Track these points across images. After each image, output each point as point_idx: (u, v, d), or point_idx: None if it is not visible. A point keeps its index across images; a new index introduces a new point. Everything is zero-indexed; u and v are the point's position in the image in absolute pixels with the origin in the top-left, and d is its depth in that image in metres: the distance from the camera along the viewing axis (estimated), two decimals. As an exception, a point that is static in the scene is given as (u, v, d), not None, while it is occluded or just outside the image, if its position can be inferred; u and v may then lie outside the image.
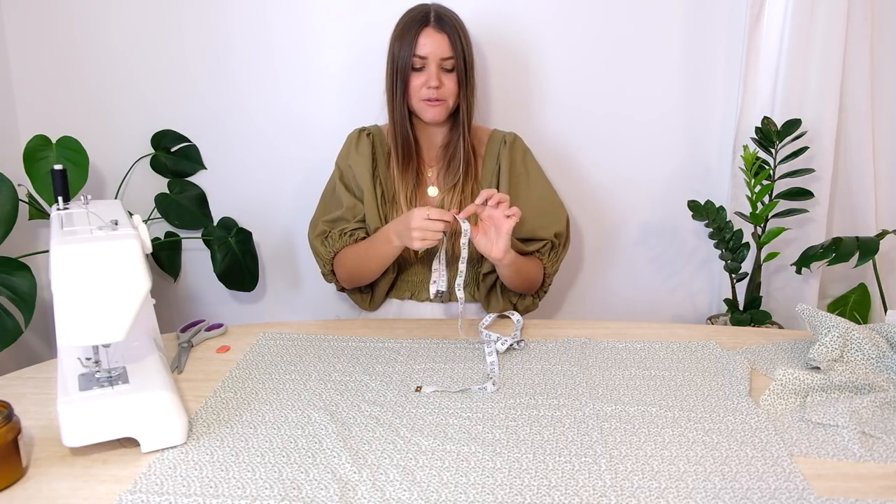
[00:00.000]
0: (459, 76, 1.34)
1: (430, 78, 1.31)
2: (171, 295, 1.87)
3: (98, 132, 1.73)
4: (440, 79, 1.32)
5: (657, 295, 1.84)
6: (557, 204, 1.44)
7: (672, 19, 1.64)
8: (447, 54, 1.31)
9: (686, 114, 1.70)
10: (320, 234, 1.41)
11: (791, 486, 0.80)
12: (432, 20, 1.32)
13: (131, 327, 0.86)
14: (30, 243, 1.75)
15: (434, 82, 1.31)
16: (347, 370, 1.12)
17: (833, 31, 1.55)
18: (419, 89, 1.33)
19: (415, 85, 1.33)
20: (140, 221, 0.98)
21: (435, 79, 1.31)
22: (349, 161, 1.42)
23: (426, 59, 1.31)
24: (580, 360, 1.14)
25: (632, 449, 0.88)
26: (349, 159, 1.42)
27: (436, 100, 1.33)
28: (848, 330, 1.08)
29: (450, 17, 1.34)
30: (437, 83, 1.31)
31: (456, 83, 1.34)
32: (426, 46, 1.31)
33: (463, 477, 0.83)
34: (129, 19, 1.68)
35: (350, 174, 1.42)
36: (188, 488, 0.80)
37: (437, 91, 1.32)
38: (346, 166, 1.43)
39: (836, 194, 1.69)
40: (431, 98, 1.32)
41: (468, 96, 1.36)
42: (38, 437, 0.91)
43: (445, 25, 1.32)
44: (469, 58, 1.35)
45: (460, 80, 1.34)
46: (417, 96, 1.34)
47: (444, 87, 1.33)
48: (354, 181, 1.41)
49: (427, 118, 1.36)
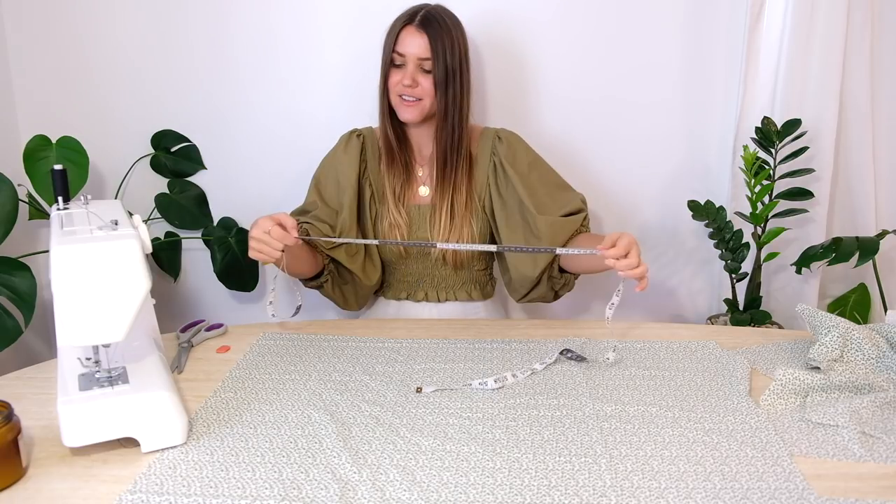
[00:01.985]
0: (436, 78, 1.32)
1: (404, 76, 1.32)
2: (171, 295, 1.87)
3: (98, 132, 1.73)
4: (415, 78, 1.32)
5: (657, 295, 1.84)
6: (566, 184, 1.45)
7: (672, 19, 1.64)
8: (424, 55, 1.31)
9: (686, 114, 1.70)
10: None
11: (791, 486, 0.80)
12: (417, 20, 1.31)
13: (131, 327, 0.86)
14: (30, 243, 1.75)
15: (407, 80, 1.31)
16: (347, 370, 1.12)
17: (833, 31, 1.55)
18: (395, 85, 1.34)
19: (393, 81, 1.34)
20: (140, 221, 0.98)
21: (409, 77, 1.31)
22: (334, 161, 1.44)
23: (405, 57, 1.32)
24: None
25: (632, 449, 0.88)
26: (334, 159, 1.44)
27: (411, 99, 1.33)
28: (848, 330, 1.08)
29: (439, 19, 1.31)
30: (409, 81, 1.31)
31: (433, 84, 1.33)
32: (404, 45, 1.31)
33: (463, 477, 0.83)
34: (129, 19, 1.68)
35: (326, 173, 1.44)
36: (188, 488, 0.80)
37: (411, 90, 1.32)
38: (328, 166, 1.45)
39: (836, 194, 1.69)
40: (405, 96, 1.33)
41: (447, 98, 1.33)
42: (38, 437, 0.91)
43: (429, 27, 1.30)
44: (452, 61, 1.32)
45: (436, 82, 1.32)
46: (394, 92, 1.35)
47: (418, 86, 1.32)
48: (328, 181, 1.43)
49: (402, 117, 1.36)
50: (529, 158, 1.42)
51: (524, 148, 1.43)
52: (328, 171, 1.44)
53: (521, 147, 1.42)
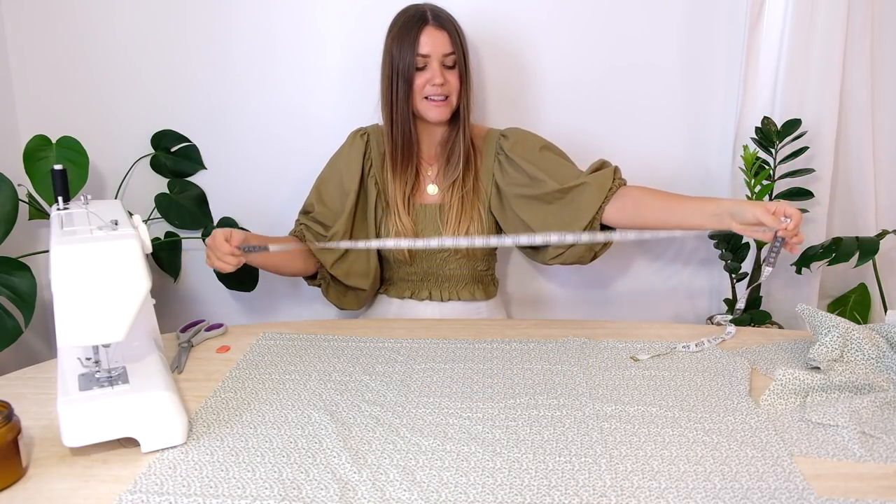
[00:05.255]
0: (461, 71, 1.34)
1: (434, 75, 1.32)
2: (171, 295, 1.87)
3: (98, 132, 1.73)
4: (444, 75, 1.32)
5: (657, 295, 1.84)
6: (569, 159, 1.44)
7: (672, 19, 1.63)
8: (448, 50, 1.32)
9: (686, 114, 1.70)
10: None
11: (791, 486, 0.80)
12: (430, 18, 1.32)
13: (131, 327, 0.86)
14: (30, 243, 1.75)
15: (438, 79, 1.32)
16: (347, 370, 1.12)
17: (833, 31, 1.55)
18: (422, 88, 1.33)
19: (418, 84, 1.33)
20: (140, 221, 0.98)
21: (439, 76, 1.32)
22: (338, 163, 1.44)
23: (428, 58, 1.32)
24: (580, 360, 1.14)
25: (632, 449, 0.88)
26: (339, 161, 1.44)
27: (440, 97, 1.33)
28: (848, 330, 1.08)
29: (446, 15, 1.35)
30: (441, 80, 1.32)
31: (458, 79, 1.35)
32: (428, 45, 1.31)
33: (463, 477, 0.83)
34: (129, 19, 1.68)
35: (330, 175, 1.44)
36: (188, 488, 0.80)
37: (441, 88, 1.32)
38: (332, 167, 1.45)
39: (836, 194, 1.69)
40: (436, 96, 1.33)
41: (467, 92, 1.37)
42: (38, 437, 0.91)
43: (444, 22, 1.33)
44: (467, 53, 1.37)
45: (461, 75, 1.35)
46: (421, 95, 1.34)
47: (447, 83, 1.33)
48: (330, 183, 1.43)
49: (432, 118, 1.36)
50: (541, 143, 1.41)
51: (532, 137, 1.42)
52: (332, 172, 1.45)
53: (528, 137, 1.42)
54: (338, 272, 1.41)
